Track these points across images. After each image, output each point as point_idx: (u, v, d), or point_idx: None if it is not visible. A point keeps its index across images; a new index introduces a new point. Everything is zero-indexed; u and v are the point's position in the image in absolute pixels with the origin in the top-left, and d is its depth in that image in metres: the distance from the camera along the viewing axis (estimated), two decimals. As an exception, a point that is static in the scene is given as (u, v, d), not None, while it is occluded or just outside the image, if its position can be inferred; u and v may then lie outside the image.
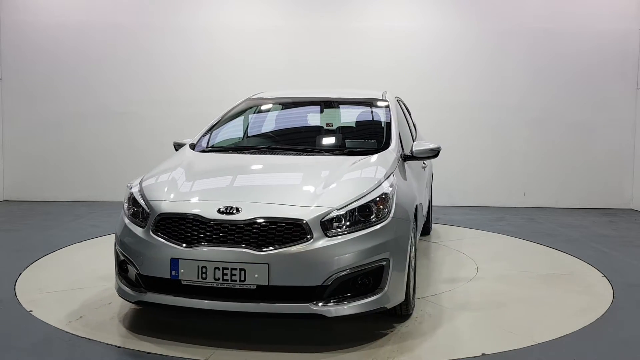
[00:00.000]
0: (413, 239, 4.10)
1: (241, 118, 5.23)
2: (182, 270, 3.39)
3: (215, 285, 3.36)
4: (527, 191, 9.17)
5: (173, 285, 3.46)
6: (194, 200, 3.70)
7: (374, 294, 3.50)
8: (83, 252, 5.85)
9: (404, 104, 6.32)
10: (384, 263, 3.51)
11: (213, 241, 3.41)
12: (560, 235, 7.01)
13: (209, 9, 8.94)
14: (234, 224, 3.41)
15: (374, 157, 4.18)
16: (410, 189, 4.21)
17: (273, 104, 5.43)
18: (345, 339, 3.67)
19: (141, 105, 9.00)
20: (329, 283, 3.36)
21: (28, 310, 4.13)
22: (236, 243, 3.38)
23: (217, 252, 3.37)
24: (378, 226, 3.54)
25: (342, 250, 3.39)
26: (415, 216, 4.22)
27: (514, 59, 9.03)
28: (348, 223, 3.49)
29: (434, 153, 4.51)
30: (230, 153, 4.63)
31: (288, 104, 5.45)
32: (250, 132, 5.22)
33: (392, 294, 3.58)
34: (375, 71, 8.87)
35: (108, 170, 9.01)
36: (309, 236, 3.38)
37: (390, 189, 3.74)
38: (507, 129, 9.06)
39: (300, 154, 4.39)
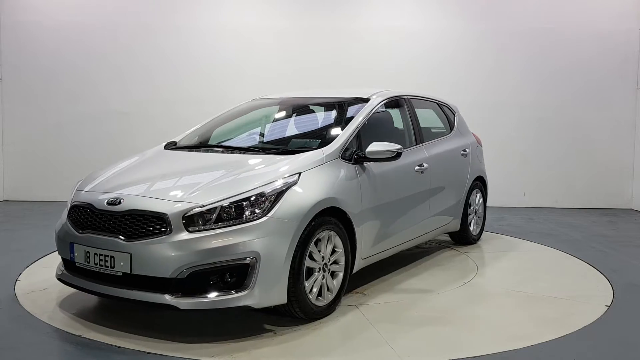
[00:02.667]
0: (348, 245, 4.15)
1: (226, 120, 5.37)
2: (76, 254, 3.82)
3: (95, 269, 3.71)
4: (527, 191, 9.17)
5: (72, 266, 3.91)
6: (98, 191, 3.98)
7: (237, 292, 3.53)
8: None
9: (440, 102, 6.23)
10: (248, 261, 3.53)
11: (97, 229, 3.75)
12: (561, 235, 7.01)
13: (208, 10, 8.94)
14: (112, 215, 3.70)
15: (291, 157, 4.12)
16: (317, 191, 3.92)
17: (261, 106, 5.48)
18: (220, 332, 3.72)
19: (141, 105, 9.00)
20: (184, 276, 3.46)
21: (28, 310, 4.13)
22: (113, 232, 3.66)
23: (97, 239, 3.71)
24: (247, 224, 3.57)
25: (199, 245, 3.48)
26: (350, 220, 4.16)
27: (513, 59, 9.03)
28: (215, 219, 3.56)
29: (391, 155, 4.37)
30: (185, 151, 4.78)
31: (276, 106, 5.49)
32: (220, 132, 5.29)
33: (261, 293, 3.57)
34: (376, 71, 8.87)
35: (108, 170, 9.00)
36: (169, 230, 3.52)
37: (274, 189, 3.73)
38: (507, 129, 9.07)
39: (234, 153, 4.54)
